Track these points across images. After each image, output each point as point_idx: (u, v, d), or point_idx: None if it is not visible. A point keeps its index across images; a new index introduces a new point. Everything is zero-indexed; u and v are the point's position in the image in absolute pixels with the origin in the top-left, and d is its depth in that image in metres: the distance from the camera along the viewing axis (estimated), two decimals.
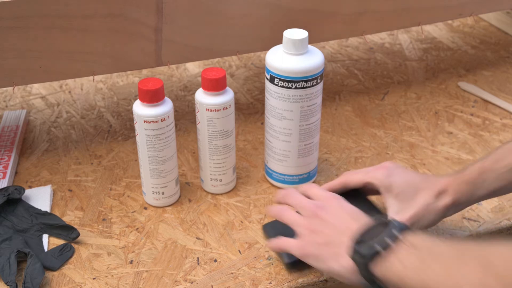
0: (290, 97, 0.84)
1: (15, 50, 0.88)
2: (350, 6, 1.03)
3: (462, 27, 1.41)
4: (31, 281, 0.74)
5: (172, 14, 0.92)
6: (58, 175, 0.95)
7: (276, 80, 0.84)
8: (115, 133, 1.06)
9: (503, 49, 1.32)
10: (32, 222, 0.85)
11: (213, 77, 0.83)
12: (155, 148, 0.84)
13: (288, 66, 0.83)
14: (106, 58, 0.93)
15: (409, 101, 1.14)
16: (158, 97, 0.82)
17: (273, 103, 0.86)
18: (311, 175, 0.93)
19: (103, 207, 0.89)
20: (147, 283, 0.77)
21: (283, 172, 0.91)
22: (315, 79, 0.84)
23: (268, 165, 0.93)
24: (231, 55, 1.02)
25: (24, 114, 1.08)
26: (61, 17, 0.87)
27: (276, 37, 0.96)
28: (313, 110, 0.87)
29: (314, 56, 0.85)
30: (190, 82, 1.21)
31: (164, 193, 0.88)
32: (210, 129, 0.86)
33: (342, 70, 1.24)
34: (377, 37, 1.37)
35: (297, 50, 0.83)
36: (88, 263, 0.80)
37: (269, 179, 0.94)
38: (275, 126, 0.88)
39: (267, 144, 0.91)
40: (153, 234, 0.85)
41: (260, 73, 1.24)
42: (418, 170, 0.96)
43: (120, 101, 1.15)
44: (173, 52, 0.96)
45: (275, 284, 0.77)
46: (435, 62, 1.27)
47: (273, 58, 0.85)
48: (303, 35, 0.83)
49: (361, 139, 1.04)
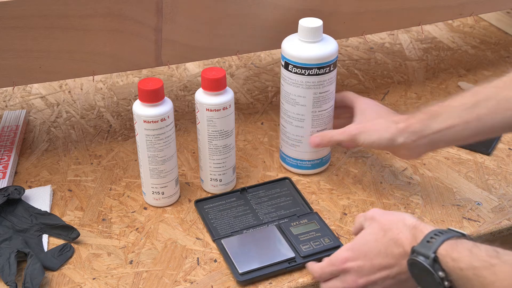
0: (303, 83, 0.87)
1: (15, 50, 0.88)
2: (350, 6, 1.03)
3: (462, 27, 1.41)
4: (31, 281, 0.74)
5: (172, 14, 0.92)
6: (58, 175, 0.95)
7: (290, 66, 0.87)
8: (115, 133, 1.06)
9: (503, 49, 1.32)
10: (32, 222, 0.84)
11: (213, 77, 0.83)
12: (155, 148, 0.84)
13: (302, 53, 0.86)
14: (106, 58, 0.93)
15: (409, 101, 1.14)
16: (158, 97, 0.82)
17: (287, 89, 0.89)
18: (323, 161, 0.95)
19: (103, 207, 0.89)
20: (147, 283, 0.77)
21: (296, 157, 0.93)
22: (328, 67, 0.86)
23: (282, 149, 0.95)
24: (231, 55, 1.02)
25: (24, 114, 1.08)
26: (61, 17, 0.87)
27: (277, 37, 0.96)
28: (326, 97, 0.89)
29: (328, 44, 0.87)
30: (190, 82, 1.21)
31: (164, 193, 0.88)
32: (210, 129, 0.86)
33: (342, 70, 1.24)
34: (377, 37, 1.36)
35: (311, 38, 0.86)
36: (88, 263, 0.80)
37: (283, 164, 0.96)
38: (289, 112, 0.91)
39: (282, 129, 0.94)
40: (153, 234, 0.85)
41: (260, 73, 1.24)
42: (418, 170, 0.96)
43: (120, 101, 1.15)
44: (173, 52, 0.96)
45: (275, 284, 0.77)
46: (435, 62, 1.27)
47: (288, 45, 0.88)
48: (317, 24, 0.86)
49: None
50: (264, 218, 0.86)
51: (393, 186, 0.93)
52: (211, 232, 0.84)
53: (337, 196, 0.92)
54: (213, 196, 0.90)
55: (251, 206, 0.88)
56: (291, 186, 0.92)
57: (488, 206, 0.89)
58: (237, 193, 0.91)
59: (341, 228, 0.86)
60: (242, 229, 0.84)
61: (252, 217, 0.86)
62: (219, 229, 0.84)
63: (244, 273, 0.77)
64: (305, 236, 0.82)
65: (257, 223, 0.85)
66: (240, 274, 0.77)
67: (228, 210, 0.88)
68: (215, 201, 0.89)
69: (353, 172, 0.96)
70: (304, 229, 0.83)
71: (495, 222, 0.87)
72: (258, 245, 0.81)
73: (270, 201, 0.89)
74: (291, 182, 0.93)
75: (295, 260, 0.79)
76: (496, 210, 0.89)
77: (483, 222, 0.87)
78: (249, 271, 0.77)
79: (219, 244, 0.82)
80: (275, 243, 0.81)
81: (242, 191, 0.91)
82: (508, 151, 1.01)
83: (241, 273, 0.77)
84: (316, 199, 0.91)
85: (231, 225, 0.85)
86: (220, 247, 0.81)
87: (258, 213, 0.87)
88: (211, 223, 0.85)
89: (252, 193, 0.91)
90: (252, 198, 0.90)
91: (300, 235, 0.82)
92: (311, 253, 0.79)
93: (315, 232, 0.83)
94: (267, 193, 0.91)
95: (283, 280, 0.77)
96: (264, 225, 0.85)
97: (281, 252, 0.80)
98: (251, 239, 0.82)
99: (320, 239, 0.82)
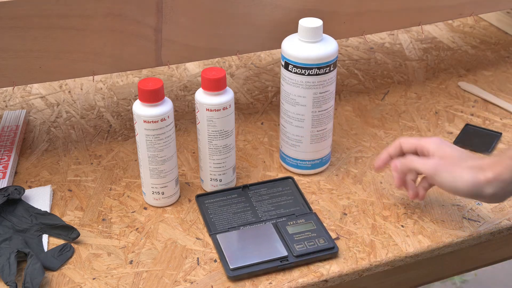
0: (303, 83, 0.87)
1: (15, 50, 0.88)
2: (350, 6, 1.03)
3: (462, 27, 1.41)
4: (31, 281, 0.74)
5: (172, 14, 0.92)
6: (58, 175, 0.95)
7: (290, 66, 0.87)
8: (115, 133, 1.06)
9: (503, 49, 1.32)
10: (32, 222, 0.84)
11: (213, 77, 0.83)
12: (155, 148, 0.84)
13: (302, 53, 0.86)
14: (106, 58, 0.93)
15: (409, 101, 1.14)
16: (158, 97, 0.82)
17: (287, 89, 0.89)
18: (323, 161, 0.95)
19: (103, 207, 0.89)
20: (147, 283, 0.77)
21: (296, 157, 0.93)
22: (328, 67, 0.86)
23: (282, 149, 0.95)
24: (231, 55, 1.02)
25: (24, 114, 1.08)
26: (61, 17, 0.87)
27: (277, 37, 0.96)
28: (326, 97, 0.89)
29: (327, 44, 0.87)
30: (190, 82, 1.21)
31: (164, 193, 0.88)
32: (210, 129, 0.86)
33: (342, 70, 1.24)
34: (377, 37, 1.36)
35: (311, 38, 0.86)
36: (88, 263, 0.80)
37: (283, 164, 0.96)
38: (289, 112, 0.91)
39: (282, 129, 0.94)
40: (153, 234, 0.85)
41: (260, 73, 1.24)
42: None
43: (120, 101, 1.15)
44: (173, 52, 0.96)
45: (275, 284, 0.77)
46: (435, 62, 1.27)
47: (288, 45, 0.88)
48: (317, 24, 0.86)
49: (361, 139, 1.04)
50: (262, 216, 0.86)
51: (393, 186, 0.93)
52: (208, 227, 0.84)
53: (337, 196, 0.92)
54: (214, 191, 0.90)
55: (251, 204, 0.88)
56: (293, 186, 0.92)
57: (488, 206, 0.89)
58: (238, 190, 0.91)
59: (341, 228, 0.86)
60: (240, 225, 0.85)
61: (251, 214, 0.87)
62: (217, 224, 0.85)
63: (235, 268, 0.77)
64: (300, 236, 0.82)
65: (255, 220, 0.86)
66: (231, 270, 0.77)
67: (228, 206, 0.88)
68: (216, 197, 0.89)
69: (353, 172, 0.96)
70: (300, 229, 0.83)
71: (495, 222, 0.87)
72: (253, 242, 0.81)
73: (270, 199, 0.89)
74: (293, 182, 0.93)
75: (287, 259, 0.79)
76: (496, 210, 0.89)
77: (483, 222, 0.87)
78: (240, 267, 0.77)
79: (214, 239, 0.82)
80: (269, 241, 0.82)
81: (244, 188, 0.91)
82: None
83: (232, 268, 0.77)
84: (316, 199, 0.91)
85: (229, 221, 0.85)
86: (215, 242, 0.82)
87: (258, 211, 0.87)
88: (209, 218, 0.86)
89: (254, 190, 0.91)
90: (254, 195, 0.90)
91: (296, 234, 0.83)
92: (304, 253, 0.80)
93: (310, 233, 0.83)
94: (268, 191, 0.91)
95: (283, 280, 0.77)
96: (262, 222, 0.85)
97: (275, 250, 0.80)
98: (246, 236, 0.83)
99: (315, 240, 0.82)
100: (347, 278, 0.80)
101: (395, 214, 0.88)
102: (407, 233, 0.85)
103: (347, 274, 0.79)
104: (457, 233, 0.85)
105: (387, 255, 0.81)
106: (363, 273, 0.81)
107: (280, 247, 0.81)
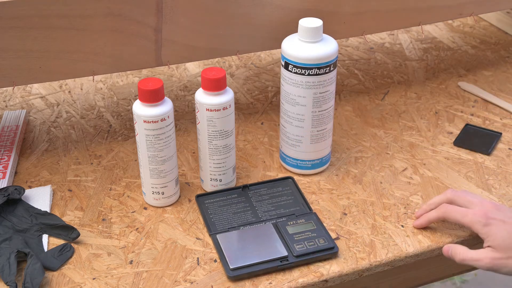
0: (303, 83, 0.87)
1: (15, 50, 0.88)
2: (350, 6, 1.03)
3: (462, 27, 1.41)
4: (31, 281, 0.74)
5: (172, 14, 0.92)
6: (58, 175, 0.95)
7: (290, 66, 0.87)
8: (115, 133, 1.06)
9: (503, 49, 1.32)
10: (32, 222, 0.84)
11: (213, 77, 0.83)
12: (155, 148, 0.84)
13: (302, 53, 0.86)
14: (106, 58, 0.93)
15: (409, 101, 1.14)
16: (158, 97, 0.82)
17: (287, 89, 0.89)
18: (323, 161, 0.95)
19: (103, 207, 0.89)
20: (147, 283, 0.77)
21: (296, 157, 0.93)
22: (328, 67, 0.86)
23: (282, 149, 0.95)
24: (231, 55, 1.02)
25: (24, 114, 1.08)
26: (61, 17, 0.87)
27: (277, 37, 0.97)
28: (326, 97, 0.89)
29: (327, 44, 0.87)
30: (190, 82, 1.21)
31: (164, 193, 0.88)
32: (210, 129, 0.86)
33: (342, 70, 1.24)
34: (377, 37, 1.36)
35: (311, 38, 0.86)
36: (88, 263, 0.80)
37: (283, 164, 0.96)
38: (289, 112, 0.91)
39: (282, 129, 0.94)
40: (153, 234, 0.85)
41: (260, 73, 1.24)
42: (418, 170, 0.96)
43: (120, 101, 1.15)
44: (173, 52, 0.96)
45: (275, 284, 0.77)
46: (435, 62, 1.27)
47: (288, 45, 0.88)
48: (317, 24, 0.86)
49: (361, 139, 1.04)
50: (263, 215, 0.86)
51: (393, 186, 0.93)
52: (208, 227, 0.84)
53: (337, 196, 0.92)
54: (214, 191, 0.90)
55: (251, 204, 0.88)
56: (293, 186, 0.92)
57: None
58: (239, 190, 0.91)
59: (341, 228, 0.86)
60: (240, 225, 0.85)
61: (251, 214, 0.87)
62: (217, 224, 0.85)
63: (235, 268, 0.77)
64: (300, 236, 0.82)
65: (256, 220, 0.86)
66: (231, 270, 0.77)
67: (228, 206, 0.88)
68: (216, 197, 0.89)
69: (353, 172, 0.96)
70: (300, 229, 0.84)
71: None
72: (253, 242, 0.81)
73: (271, 199, 0.89)
74: (293, 182, 0.93)
75: (287, 259, 0.79)
76: None
77: None
78: (240, 267, 0.77)
79: (214, 239, 0.82)
80: (269, 241, 0.82)
81: (244, 188, 0.91)
82: (508, 151, 1.01)
83: (232, 268, 0.77)
84: (316, 199, 0.91)
85: (229, 221, 0.85)
86: (215, 242, 0.82)
87: (258, 211, 0.87)
88: (209, 218, 0.86)
89: (254, 190, 0.91)
90: (254, 195, 0.90)
91: (296, 234, 0.83)
92: (304, 253, 0.80)
93: (310, 233, 0.83)
94: (268, 192, 0.91)
95: (283, 280, 0.77)
96: (262, 222, 0.85)
97: (275, 250, 0.80)
98: (246, 236, 0.83)
99: (315, 240, 0.82)
100: (347, 278, 0.80)
101: (395, 214, 0.88)
102: (407, 233, 0.85)
103: (347, 274, 0.79)
104: (457, 233, 0.85)
105: (387, 255, 0.81)
106: (363, 273, 0.81)
107: (280, 247, 0.81)
